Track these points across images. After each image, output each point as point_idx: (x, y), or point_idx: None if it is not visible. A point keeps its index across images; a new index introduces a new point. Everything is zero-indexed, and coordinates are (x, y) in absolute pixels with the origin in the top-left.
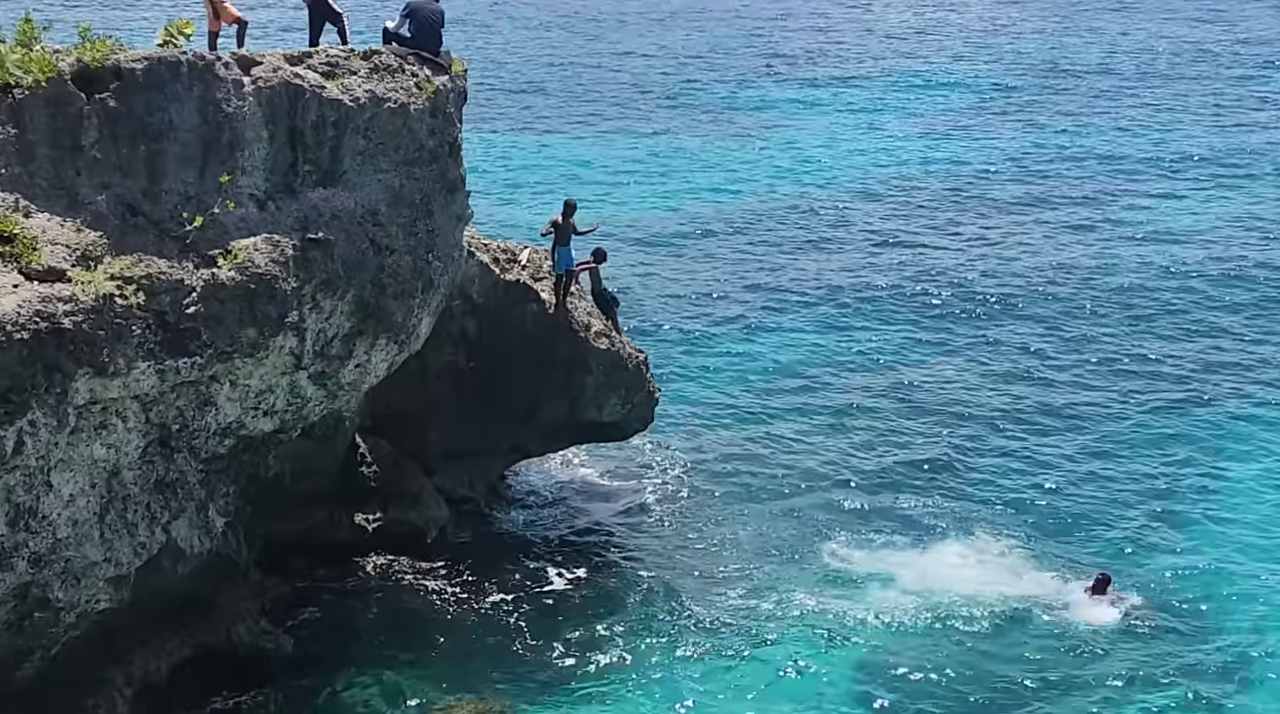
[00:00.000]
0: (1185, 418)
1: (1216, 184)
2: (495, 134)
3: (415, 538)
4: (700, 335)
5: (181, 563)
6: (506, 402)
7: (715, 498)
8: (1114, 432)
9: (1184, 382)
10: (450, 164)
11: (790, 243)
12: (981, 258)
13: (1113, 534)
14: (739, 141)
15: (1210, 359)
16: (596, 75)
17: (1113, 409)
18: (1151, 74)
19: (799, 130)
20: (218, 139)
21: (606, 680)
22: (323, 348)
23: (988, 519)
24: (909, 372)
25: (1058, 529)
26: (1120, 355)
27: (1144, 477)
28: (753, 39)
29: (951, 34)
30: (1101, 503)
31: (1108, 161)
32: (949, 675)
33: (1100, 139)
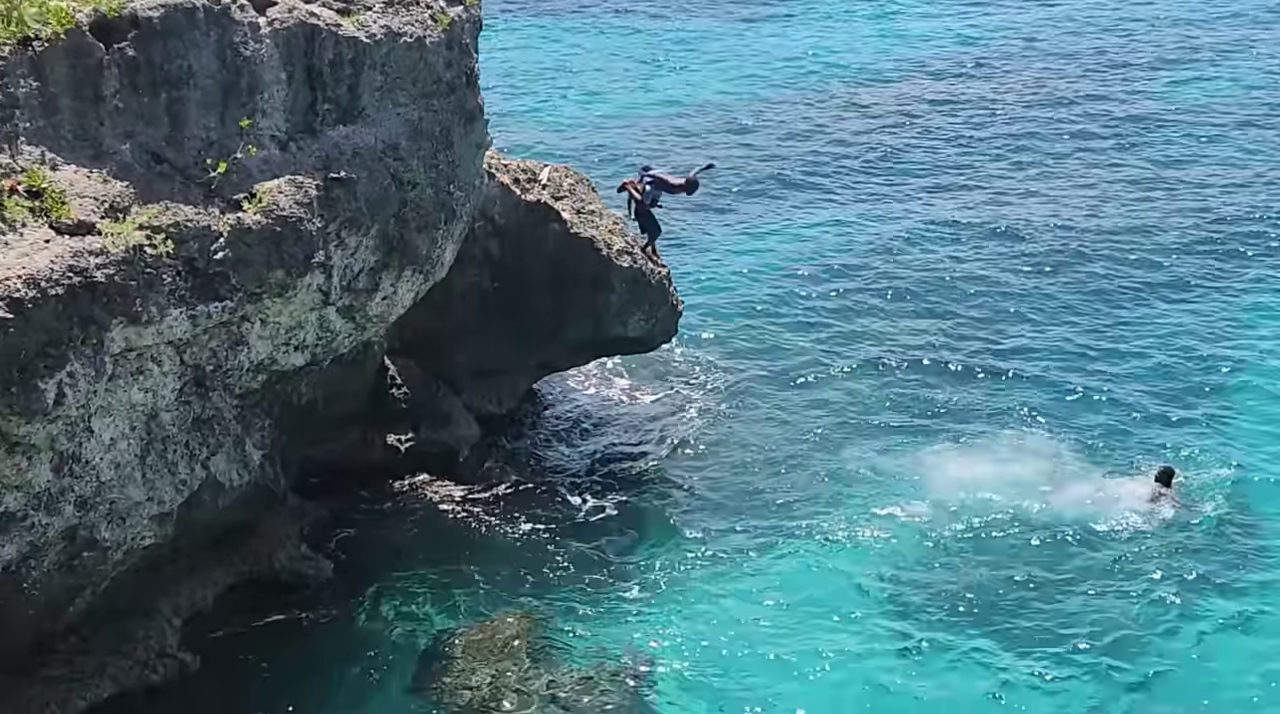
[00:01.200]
0: (1238, 310)
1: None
2: (504, 21)
3: (447, 457)
4: (722, 240)
5: (221, 496)
6: (532, 320)
7: (744, 405)
8: (1160, 325)
9: (1238, 273)
10: (468, 94)
11: (818, 135)
12: (1022, 142)
13: (1163, 430)
14: (761, 27)
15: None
16: None
17: (1162, 301)
18: None
19: (820, 14)
20: (237, 83)
21: (638, 595)
22: (349, 283)
23: (1034, 417)
24: (944, 266)
25: (1107, 427)
26: (1175, 246)
27: (1196, 370)
28: None
29: None
30: (1151, 398)
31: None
32: (990, 577)
33: None
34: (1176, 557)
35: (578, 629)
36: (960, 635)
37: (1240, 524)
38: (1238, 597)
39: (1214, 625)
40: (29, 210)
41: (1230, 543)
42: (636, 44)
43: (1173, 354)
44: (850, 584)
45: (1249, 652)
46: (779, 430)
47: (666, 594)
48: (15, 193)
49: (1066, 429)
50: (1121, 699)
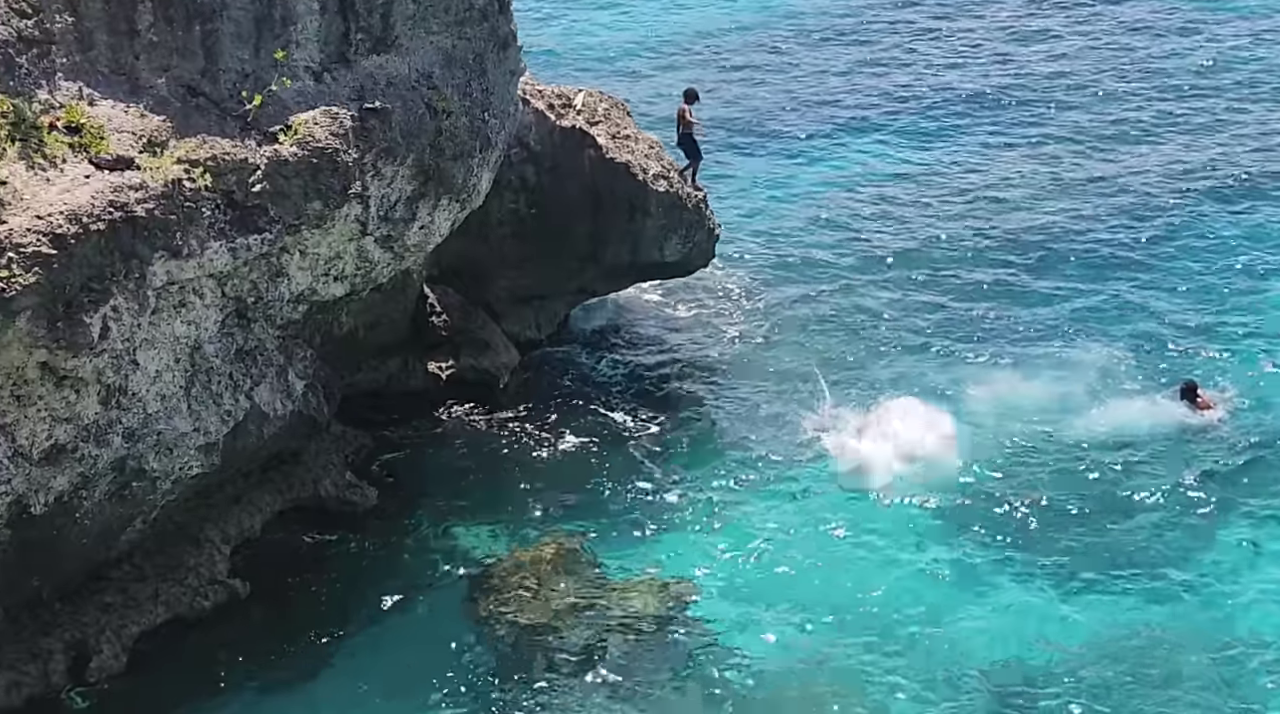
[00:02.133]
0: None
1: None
2: None
3: (488, 384)
4: (761, 164)
5: (266, 425)
6: (569, 246)
7: (782, 328)
8: (1204, 238)
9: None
10: (500, 20)
11: (858, 66)
12: (1066, 73)
13: (1205, 342)
14: None
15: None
16: None
17: (1205, 213)
18: None
19: None
20: (270, 14)
21: (681, 518)
22: (386, 213)
23: (1072, 332)
24: (980, 187)
25: (1146, 340)
26: (1218, 162)
27: (1238, 283)
28: None
29: None
30: (1192, 311)
31: None
32: (1027, 496)
33: None
34: (1210, 471)
35: (622, 552)
36: (1001, 553)
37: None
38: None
39: (1249, 539)
40: (68, 146)
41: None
42: None
43: (1213, 267)
44: (891, 504)
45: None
46: (817, 351)
47: (709, 516)
48: (54, 128)
49: (1105, 344)
50: (1157, 614)
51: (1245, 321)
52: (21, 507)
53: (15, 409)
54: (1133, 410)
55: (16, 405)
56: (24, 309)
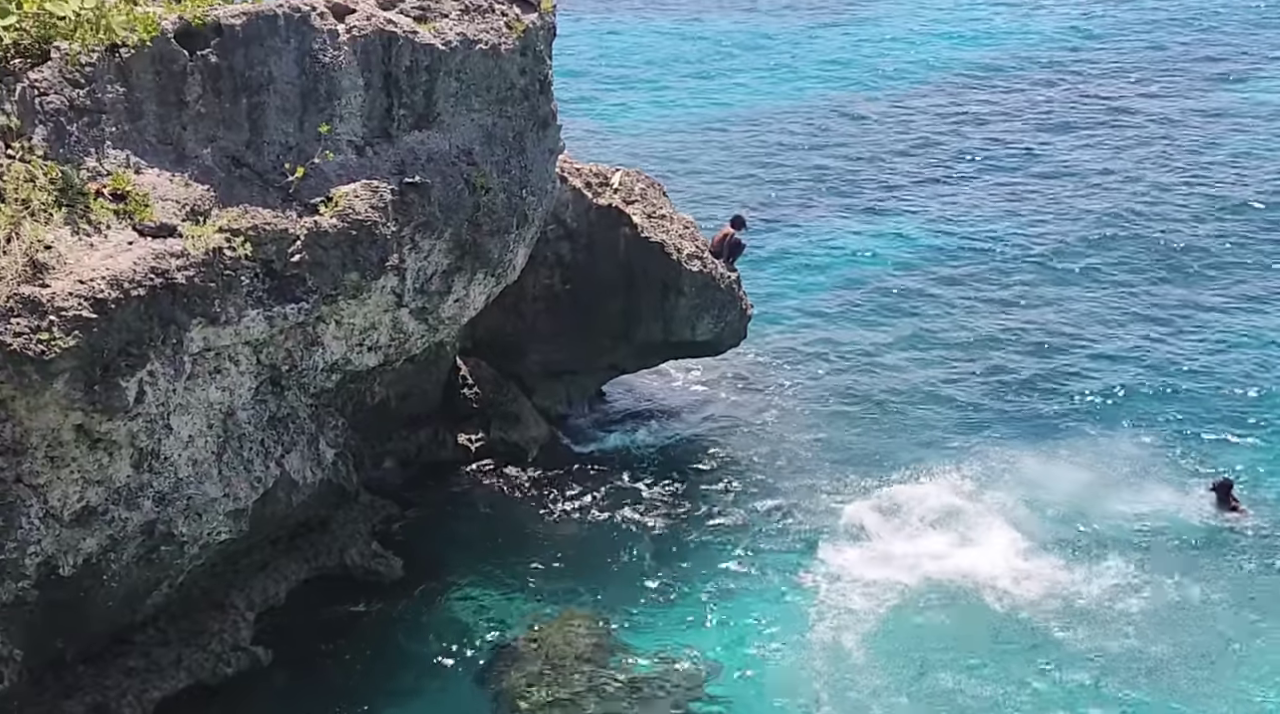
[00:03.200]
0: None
1: None
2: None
3: (517, 457)
4: (791, 244)
5: (295, 493)
6: (602, 322)
7: (813, 405)
8: (1236, 332)
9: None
10: (541, 100)
11: (890, 139)
12: (1087, 153)
13: (1234, 434)
14: (824, 30)
15: None
16: None
17: (1239, 308)
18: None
19: (886, 14)
20: (316, 89)
21: (705, 596)
22: (422, 285)
23: (1103, 419)
24: (1011, 268)
25: (1176, 431)
26: (1241, 259)
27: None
28: None
29: None
30: (1224, 403)
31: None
32: (1055, 580)
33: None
34: (1242, 563)
35: (643, 628)
36: (1031, 638)
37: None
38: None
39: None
40: (113, 213)
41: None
42: (703, 46)
43: (1246, 360)
44: (919, 585)
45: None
46: (847, 430)
47: (727, 599)
48: (101, 195)
49: (1138, 429)
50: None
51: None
52: (50, 568)
53: (49, 470)
54: (1162, 499)
55: (50, 466)
56: (62, 372)
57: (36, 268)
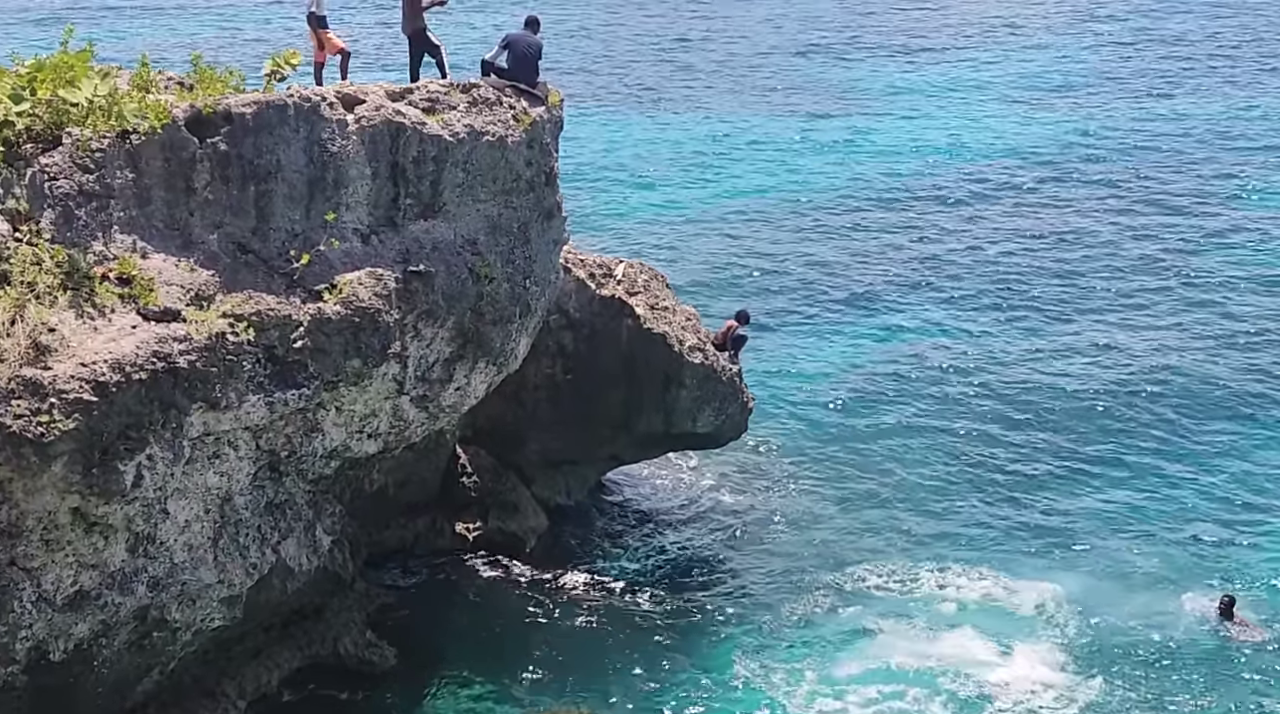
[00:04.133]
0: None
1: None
2: (587, 114)
3: (514, 547)
4: (792, 340)
5: (290, 580)
6: (603, 413)
7: (812, 504)
8: (1238, 446)
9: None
10: (547, 192)
11: (889, 233)
12: (1095, 253)
13: (1238, 548)
14: (823, 122)
15: None
16: (669, 56)
17: (1242, 420)
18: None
19: (886, 113)
20: (323, 178)
21: (690, 701)
22: (424, 373)
23: (1108, 529)
24: (1012, 373)
25: (1179, 544)
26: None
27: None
28: (841, 16)
29: (1050, 12)
30: (1225, 519)
31: (1216, 144)
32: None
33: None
34: (1244, 679)
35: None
36: None
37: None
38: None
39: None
40: (118, 296)
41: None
42: (707, 141)
43: (1247, 474)
44: (921, 693)
45: None
46: (846, 532)
47: (730, 696)
48: (106, 279)
49: (1140, 543)
50: None
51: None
52: (41, 653)
53: (43, 553)
54: (1170, 609)
55: (45, 549)
56: (61, 454)
57: (39, 350)
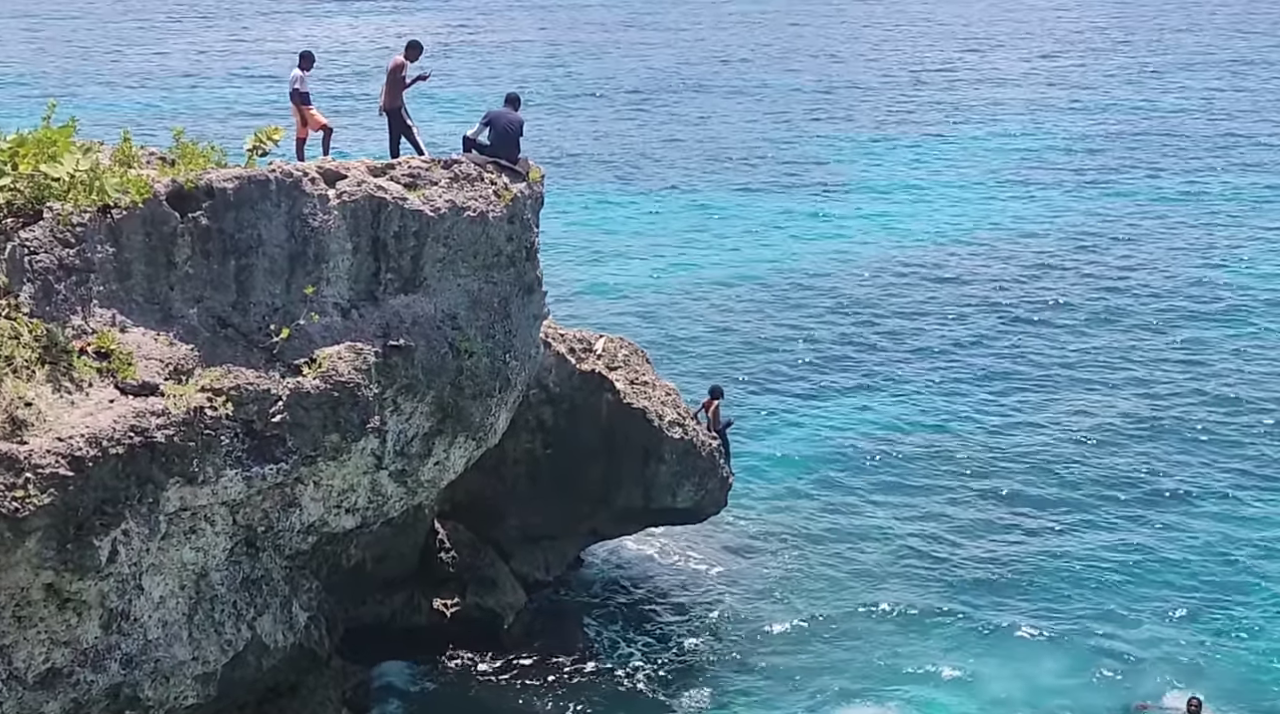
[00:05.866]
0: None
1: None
2: (568, 189)
3: (493, 623)
4: (771, 413)
5: (266, 657)
6: (582, 487)
7: (795, 579)
8: (1199, 530)
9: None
10: (527, 267)
11: (864, 308)
12: (1066, 323)
13: (1198, 649)
14: (799, 199)
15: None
16: (647, 133)
17: (1202, 503)
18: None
19: (859, 189)
20: (304, 252)
21: None
22: (403, 448)
23: (1062, 623)
24: (989, 445)
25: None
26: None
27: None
28: (814, 94)
29: (1032, 82)
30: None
31: (1206, 217)
32: None
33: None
34: None
35: None
36: None
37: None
38: None
39: None
40: (96, 371)
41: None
42: (687, 216)
43: (1205, 562)
44: None
45: None
46: (830, 607)
47: None
48: (84, 353)
49: (1108, 639)
50: None
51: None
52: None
53: (15, 630)
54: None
55: (16, 626)
56: (35, 530)
57: (15, 424)
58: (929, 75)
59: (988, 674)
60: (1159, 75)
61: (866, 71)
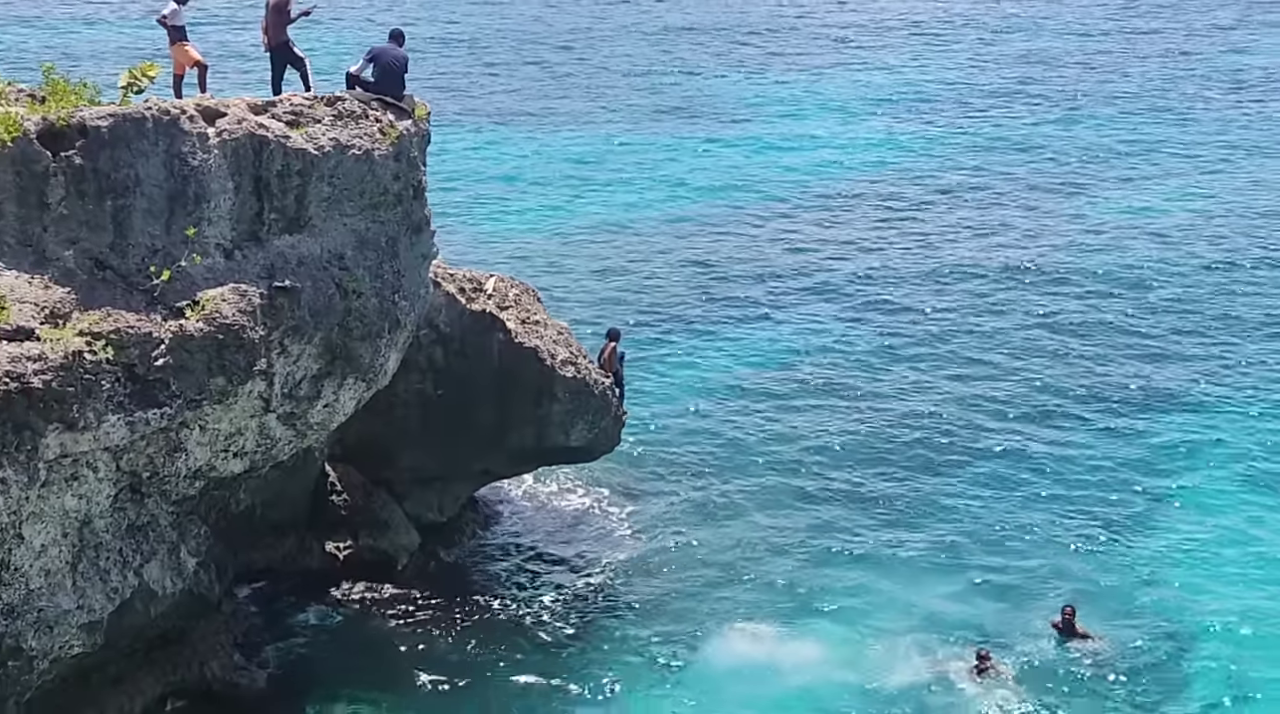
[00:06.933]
0: (1141, 433)
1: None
2: (458, 128)
3: (386, 565)
4: (667, 352)
5: (154, 604)
6: (474, 428)
7: (685, 515)
8: (1070, 451)
9: (1140, 392)
10: (415, 206)
11: (758, 245)
12: (948, 258)
13: (1070, 561)
14: (693, 136)
15: (1166, 372)
16: (535, 71)
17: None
18: (1130, 66)
19: (755, 126)
20: (184, 192)
21: (573, 708)
22: (291, 390)
23: (946, 548)
24: (872, 381)
25: (1021, 563)
26: (1080, 367)
27: (1096, 498)
28: (721, 33)
29: (926, 27)
30: (1066, 526)
31: (1077, 154)
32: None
33: (1074, 129)
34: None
35: None
36: None
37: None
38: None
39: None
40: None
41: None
42: (584, 153)
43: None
44: (795, 700)
45: None
46: (720, 542)
47: (596, 706)
48: None
49: (988, 557)
50: None
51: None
52: None
53: None
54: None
55: None
56: None
57: None
58: (816, 12)
59: (877, 599)
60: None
61: (751, 8)
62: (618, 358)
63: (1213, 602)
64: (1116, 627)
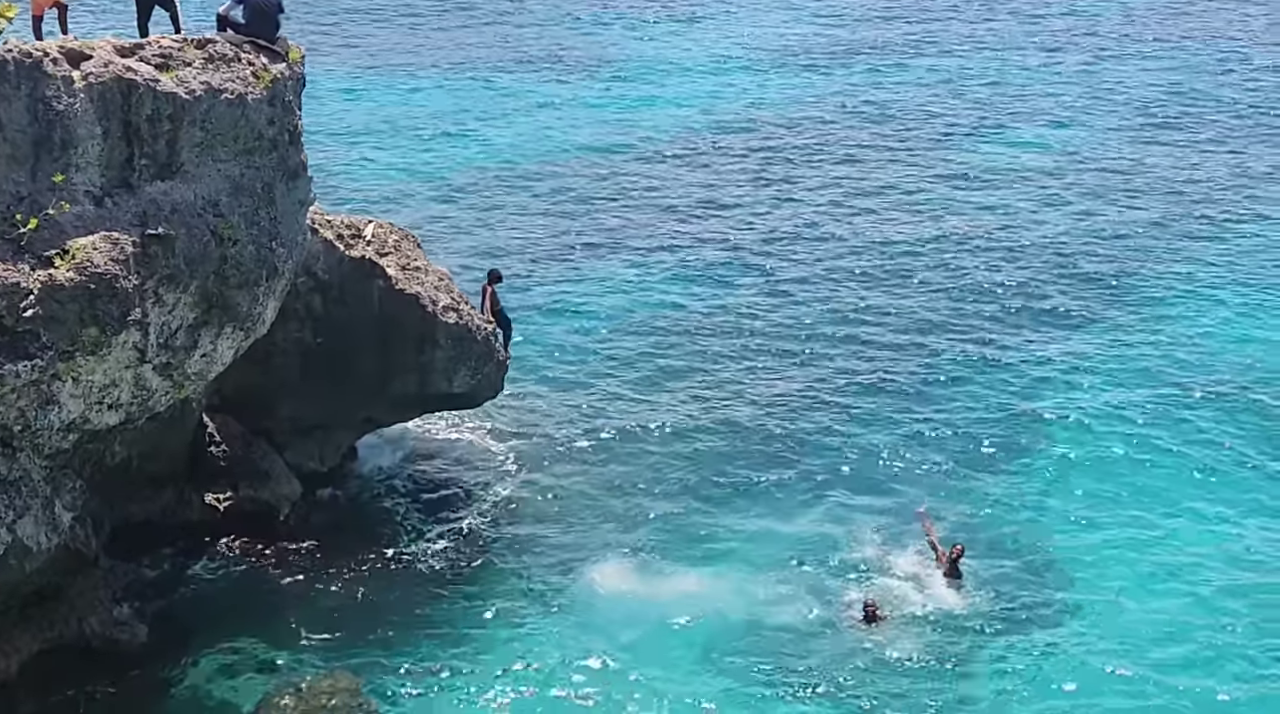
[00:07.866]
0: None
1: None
2: (333, 72)
3: (268, 516)
4: (546, 295)
5: (28, 560)
6: (356, 376)
7: (563, 456)
8: (940, 391)
9: (1014, 329)
10: (291, 151)
11: (638, 191)
12: (825, 208)
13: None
14: (576, 85)
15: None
16: (413, 11)
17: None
18: (997, 16)
19: (637, 75)
20: (49, 137)
21: (464, 651)
22: (167, 340)
23: (829, 490)
24: (752, 320)
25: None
26: (948, 314)
27: (961, 435)
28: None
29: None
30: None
31: (949, 105)
32: (786, 636)
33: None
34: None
35: (403, 690)
36: (770, 680)
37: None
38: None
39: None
40: None
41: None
42: (460, 99)
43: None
44: (676, 634)
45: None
46: (604, 480)
47: (492, 653)
48: None
49: (867, 500)
50: None
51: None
52: None
53: None
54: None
55: None
56: None
57: None
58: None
59: (760, 537)
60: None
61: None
62: (497, 299)
63: (1092, 534)
64: (999, 565)
